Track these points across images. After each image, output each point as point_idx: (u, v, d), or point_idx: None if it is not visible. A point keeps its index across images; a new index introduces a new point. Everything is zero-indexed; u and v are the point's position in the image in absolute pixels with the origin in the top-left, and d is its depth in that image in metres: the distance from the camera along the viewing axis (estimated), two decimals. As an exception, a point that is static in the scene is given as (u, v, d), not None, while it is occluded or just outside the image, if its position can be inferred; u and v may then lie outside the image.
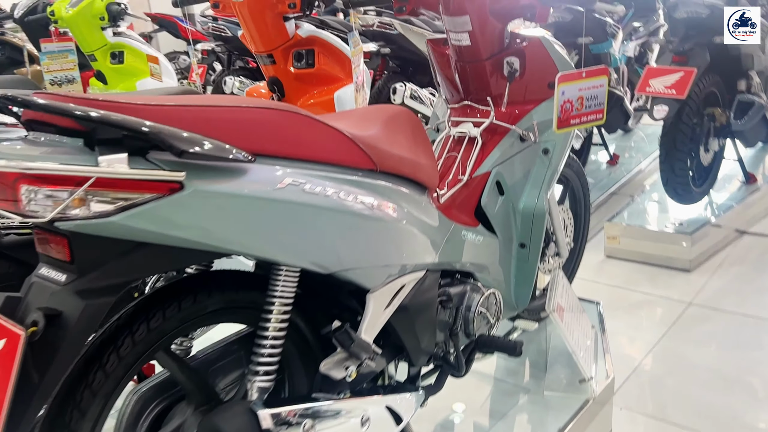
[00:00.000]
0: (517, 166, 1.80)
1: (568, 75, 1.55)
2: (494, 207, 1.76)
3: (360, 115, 1.38)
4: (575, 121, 1.59)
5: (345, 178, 1.17)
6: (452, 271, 1.65)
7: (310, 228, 1.10)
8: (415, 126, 1.47)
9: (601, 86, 1.55)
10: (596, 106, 1.58)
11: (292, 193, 1.06)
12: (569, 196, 2.36)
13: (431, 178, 1.45)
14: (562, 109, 1.56)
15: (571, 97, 1.55)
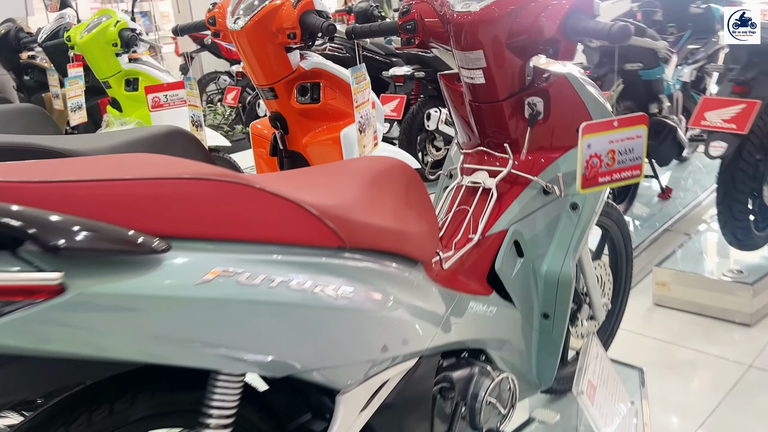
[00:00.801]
0: (540, 223, 1.54)
1: (596, 125, 1.29)
2: (511, 272, 1.51)
3: (337, 173, 1.16)
4: (605, 179, 1.33)
5: (302, 261, 0.95)
6: (457, 350, 1.41)
7: (248, 328, 0.88)
8: (410, 183, 1.24)
9: (638, 137, 1.29)
10: (632, 160, 1.31)
11: (222, 286, 0.84)
12: (608, 248, 2.07)
13: (425, 248, 1.21)
14: (588, 165, 1.30)
15: (600, 150, 1.29)
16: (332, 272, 0.98)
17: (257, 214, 0.89)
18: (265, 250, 0.91)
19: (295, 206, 0.93)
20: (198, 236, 0.85)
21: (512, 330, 1.53)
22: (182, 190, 0.83)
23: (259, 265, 0.88)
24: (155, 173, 0.83)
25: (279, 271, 0.90)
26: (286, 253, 0.93)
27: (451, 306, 1.30)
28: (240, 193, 0.88)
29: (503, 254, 1.49)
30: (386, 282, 1.09)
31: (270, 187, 0.92)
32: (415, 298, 1.16)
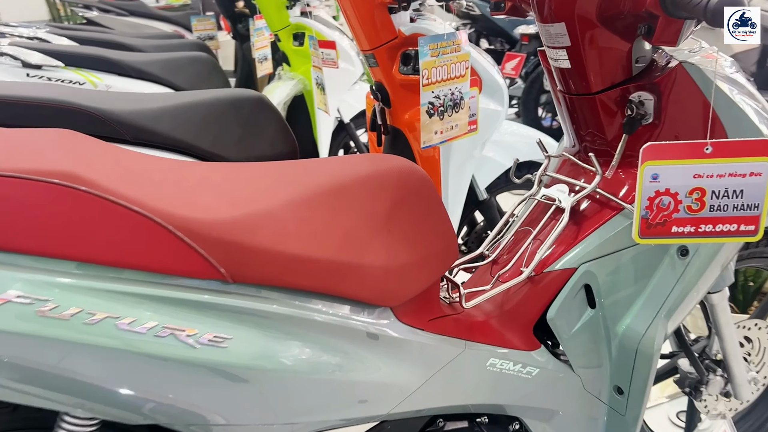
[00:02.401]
0: (627, 267, 1.11)
1: (667, 148, 0.84)
2: (572, 324, 1.12)
3: (290, 173, 0.90)
4: (682, 230, 0.88)
5: (156, 294, 0.73)
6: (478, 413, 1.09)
7: (50, 366, 0.70)
8: (406, 200, 0.93)
9: (756, 175, 0.81)
10: (740, 209, 0.84)
11: (8, 315, 0.66)
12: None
13: (394, 289, 0.91)
14: (652, 205, 0.87)
15: (675, 186, 0.85)
16: (200, 312, 0.75)
17: (93, 226, 0.70)
18: (96, 274, 0.71)
19: (146, 221, 0.71)
20: (5, 247, 0.68)
21: (565, 399, 1.15)
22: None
23: (77, 293, 0.69)
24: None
25: (113, 304, 0.70)
26: (133, 282, 0.72)
27: (452, 359, 0.98)
28: (73, 200, 0.69)
29: (563, 300, 1.11)
30: (300, 329, 0.82)
31: (127, 193, 0.71)
32: (359, 351, 0.88)
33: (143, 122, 1.39)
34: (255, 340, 0.78)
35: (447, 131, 1.49)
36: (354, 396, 0.88)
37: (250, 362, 0.77)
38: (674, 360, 1.46)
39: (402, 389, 0.93)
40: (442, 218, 1.00)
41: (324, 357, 0.84)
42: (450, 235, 1.01)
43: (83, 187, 0.69)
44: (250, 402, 0.80)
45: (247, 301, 0.78)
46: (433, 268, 0.97)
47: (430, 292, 1.00)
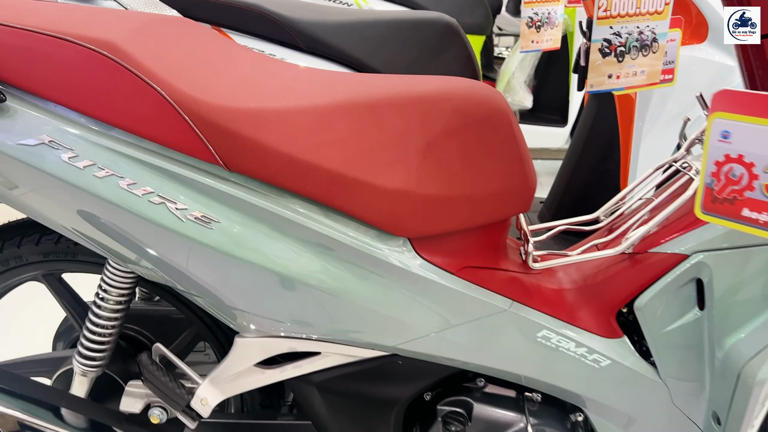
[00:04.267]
0: (757, 269, 0.85)
1: (744, 97, 0.59)
2: (668, 321, 0.91)
3: (337, 82, 0.87)
4: (752, 216, 0.62)
5: (157, 164, 0.79)
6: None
7: (64, 207, 0.82)
8: (463, 127, 0.84)
9: None
10: None
11: (41, 156, 0.79)
12: None
13: (411, 219, 0.83)
14: (719, 172, 0.63)
15: (750, 153, 0.60)
16: (194, 190, 0.79)
17: (111, 89, 0.78)
18: (112, 135, 0.79)
19: (158, 95, 0.77)
20: (40, 94, 0.80)
21: (644, 407, 0.95)
22: (42, 47, 0.79)
23: (94, 148, 0.79)
24: (38, 24, 0.80)
25: (119, 164, 0.78)
26: (137, 148, 0.79)
27: (487, 315, 0.88)
28: (98, 63, 0.78)
29: (662, 290, 0.89)
30: (298, 234, 0.81)
31: (155, 70, 0.78)
32: (363, 273, 0.83)
33: (319, 33, 1.47)
34: (245, 231, 0.81)
35: (627, 77, 1.27)
36: (350, 317, 0.86)
37: (234, 249, 0.80)
38: None
39: (413, 327, 0.88)
40: (514, 160, 0.88)
41: (321, 268, 0.83)
42: (519, 181, 0.89)
43: (115, 57, 0.78)
44: (236, 288, 0.84)
45: (242, 191, 0.80)
46: (477, 210, 0.87)
47: (476, 236, 0.90)
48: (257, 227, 0.81)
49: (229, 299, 0.85)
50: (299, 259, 0.82)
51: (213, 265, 0.82)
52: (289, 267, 0.82)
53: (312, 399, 0.94)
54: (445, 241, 0.88)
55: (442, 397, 0.99)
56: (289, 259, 0.82)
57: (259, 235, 0.81)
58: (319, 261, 0.83)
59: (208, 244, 0.80)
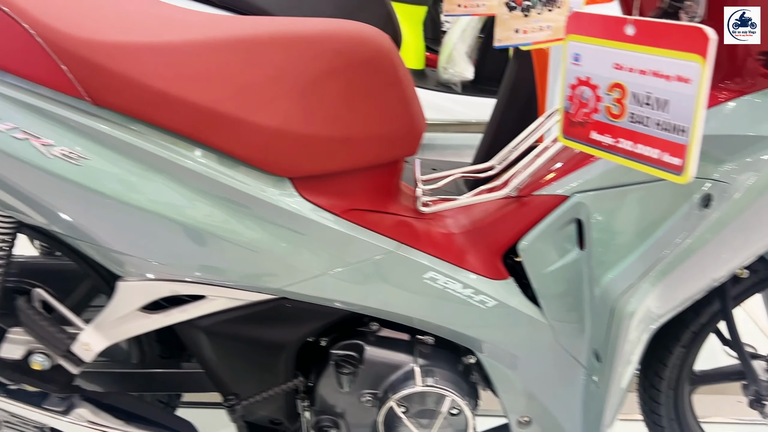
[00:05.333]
0: (631, 208, 0.87)
1: (588, 20, 0.60)
2: (550, 261, 0.93)
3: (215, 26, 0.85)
4: (598, 139, 0.64)
5: (9, 95, 0.76)
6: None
7: None
8: (342, 67, 0.84)
9: (684, 81, 0.54)
10: (664, 129, 0.58)
11: None
12: None
13: (268, 156, 0.82)
14: (574, 95, 0.64)
15: (596, 77, 0.61)
16: (59, 126, 0.77)
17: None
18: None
19: (20, 28, 0.74)
20: None
21: (530, 347, 0.97)
22: None
23: None
24: None
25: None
26: (4, 84, 0.77)
27: (372, 257, 0.89)
28: None
29: (543, 230, 0.91)
30: (174, 172, 0.80)
31: (20, 4, 0.76)
32: (238, 210, 0.83)
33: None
34: (115, 168, 0.79)
35: (533, 32, 1.28)
36: (232, 258, 0.86)
37: (104, 187, 0.79)
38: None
39: (298, 269, 0.88)
40: (398, 102, 0.88)
41: (197, 207, 0.82)
42: (404, 124, 0.89)
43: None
44: (110, 228, 0.83)
45: (110, 127, 0.78)
46: (360, 151, 0.87)
47: (363, 179, 0.91)
48: (128, 164, 0.80)
49: (105, 241, 0.84)
50: (174, 197, 0.82)
51: (84, 205, 0.81)
52: (163, 206, 0.81)
53: (200, 344, 0.94)
54: (329, 183, 0.88)
55: (337, 341, 1.00)
56: (163, 198, 0.81)
57: (131, 172, 0.80)
58: (194, 200, 0.82)
59: (76, 181, 0.78)
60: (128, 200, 0.80)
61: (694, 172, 0.59)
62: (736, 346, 1.04)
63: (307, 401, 1.03)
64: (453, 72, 3.16)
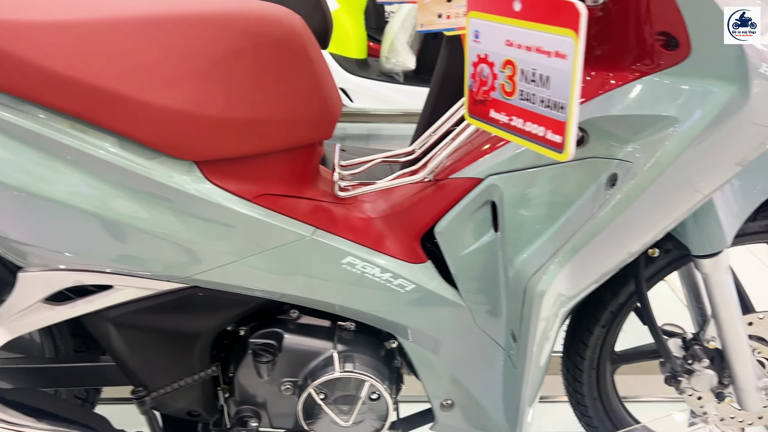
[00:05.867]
0: (542, 189, 0.88)
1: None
2: (466, 243, 0.93)
3: None
4: (496, 117, 0.64)
5: None
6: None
7: None
8: (251, 47, 0.82)
9: (559, 56, 0.55)
10: (545, 105, 0.58)
11: None
12: None
13: (171, 139, 0.80)
14: (477, 74, 0.64)
15: (491, 52, 0.61)
16: None
17: None
18: None
19: None
20: None
21: (450, 330, 0.97)
22: None
23: None
24: None
25: None
26: None
27: (287, 243, 0.87)
28: None
29: (459, 213, 0.91)
30: (71, 157, 0.77)
31: None
32: (139, 197, 0.80)
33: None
34: (6, 152, 0.76)
35: (457, 17, 1.28)
36: (137, 246, 0.83)
37: (2, 176, 0.75)
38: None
39: (209, 257, 0.86)
40: (310, 84, 0.87)
41: (97, 194, 0.79)
42: (317, 107, 0.88)
43: None
44: (3, 216, 0.79)
45: (3, 111, 0.75)
46: (270, 134, 0.85)
47: (276, 163, 0.89)
48: (22, 149, 0.76)
49: (3, 231, 0.81)
50: (75, 184, 0.78)
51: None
52: (60, 192, 0.78)
53: (109, 336, 0.91)
54: (239, 167, 0.86)
55: (256, 330, 0.98)
56: (59, 184, 0.78)
57: (27, 159, 0.76)
58: (97, 187, 0.79)
59: None
60: (22, 186, 0.77)
61: (573, 149, 0.59)
62: (650, 325, 1.06)
63: (228, 392, 1.01)
64: (395, 62, 3.16)
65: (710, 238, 0.93)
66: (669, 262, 1.04)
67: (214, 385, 1.01)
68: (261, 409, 1.01)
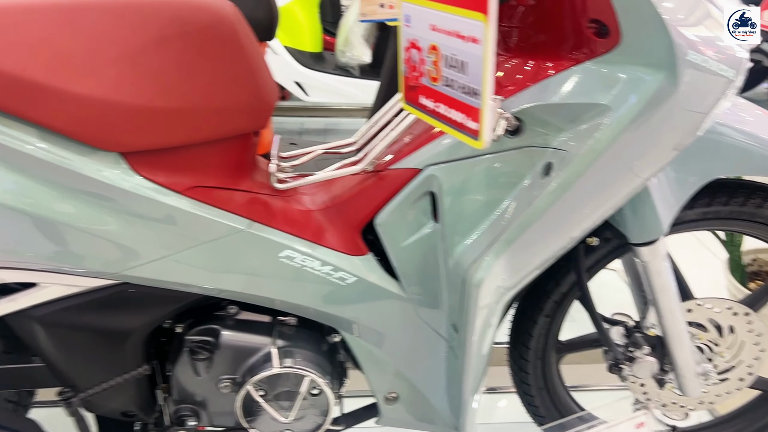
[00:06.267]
0: (479, 179, 0.88)
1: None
2: (406, 235, 0.92)
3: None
4: (425, 103, 0.64)
5: None
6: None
7: None
8: (178, 34, 0.79)
9: (475, 42, 0.54)
10: (464, 92, 0.58)
11: None
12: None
13: (93, 129, 0.77)
14: (409, 59, 0.64)
15: (420, 37, 0.61)
16: None
17: None
18: None
19: None
20: None
21: (393, 322, 0.96)
22: None
23: None
24: None
25: None
26: None
27: (221, 237, 0.85)
28: None
29: (399, 205, 0.90)
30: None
31: None
32: (65, 190, 0.77)
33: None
34: None
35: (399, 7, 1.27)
36: (61, 241, 0.79)
37: None
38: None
39: (139, 252, 0.83)
40: (242, 73, 0.84)
41: (16, 187, 0.76)
42: (250, 96, 0.86)
43: None
44: None
45: None
46: (199, 124, 0.83)
47: (208, 154, 0.86)
48: None
49: None
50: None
51: None
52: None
53: (36, 336, 0.87)
54: (168, 158, 0.83)
55: (193, 327, 0.95)
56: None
57: None
58: (15, 179, 0.76)
59: None
60: None
61: (489, 136, 0.59)
62: (591, 314, 1.07)
63: (166, 391, 0.99)
64: (351, 55, 3.13)
65: (647, 226, 0.94)
66: (609, 251, 1.05)
67: (151, 384, 0.98)
68: (200, 408, 0.98)
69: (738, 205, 1.02)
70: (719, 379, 1.13)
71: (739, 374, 1.14)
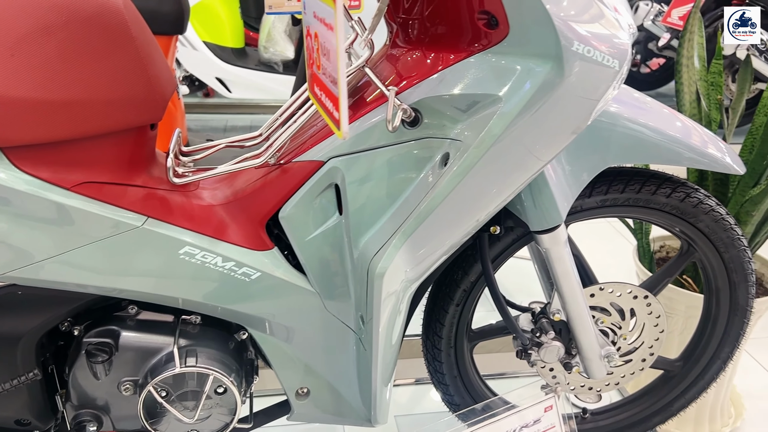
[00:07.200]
0: (381, 170, 0.88)
1: None
2: (311, 228, 0.92)
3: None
4: (315, 92, 0.64)
5: None
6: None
7: None
8: (59, 25, 0.75)
9: (330, 28, 0.54)
10: (330, 81, 0.58)
11: None
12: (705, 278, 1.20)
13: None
14: (310, 45, 0.63)
15: (311, 24, 0.61)
16: None
17: None
18: None
19: None
20: None
21: (301, 317, 0.95)
22: None
23: None
24: None
25: None
26: None
27: (116, 234, 0.82)
28: None
29: (302, 198, 0.89)
30: None
31: None
32: None
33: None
34: None
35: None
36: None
37: None
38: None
39: (25, 252, 0.79)
40: (131, 64, 0.81)
41: None
42: (140, 88, 0.83)
43: None
44: None
45: None
46: (84, 118, 0.79)
47: (98, 149, 0.83)
48: None
49: None
50: None
51: None
52: None
53: None
54: (53, 153, 0.79)
55: (91, 329, 0.92)
56: None
57: None
58: None
59: None
60: None
61: (347, 127, 0.59)
62: (496, 301, 1.09)
63: (64, 396, 0.94)
64: (273, 51, 3.10)
65: (546, 214, 0.96)
66: (513, 239, 1.07)
67: (47, 389, 0.94)
68: (101, 413, 0.94)
69: (634, 192, 1.06)
70: (623, 360, 1.17)
71: (642, 355, 1.19)
